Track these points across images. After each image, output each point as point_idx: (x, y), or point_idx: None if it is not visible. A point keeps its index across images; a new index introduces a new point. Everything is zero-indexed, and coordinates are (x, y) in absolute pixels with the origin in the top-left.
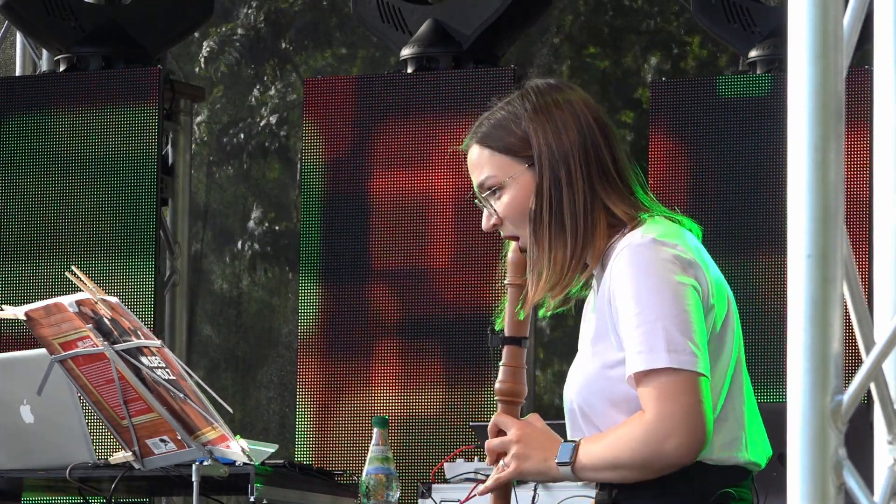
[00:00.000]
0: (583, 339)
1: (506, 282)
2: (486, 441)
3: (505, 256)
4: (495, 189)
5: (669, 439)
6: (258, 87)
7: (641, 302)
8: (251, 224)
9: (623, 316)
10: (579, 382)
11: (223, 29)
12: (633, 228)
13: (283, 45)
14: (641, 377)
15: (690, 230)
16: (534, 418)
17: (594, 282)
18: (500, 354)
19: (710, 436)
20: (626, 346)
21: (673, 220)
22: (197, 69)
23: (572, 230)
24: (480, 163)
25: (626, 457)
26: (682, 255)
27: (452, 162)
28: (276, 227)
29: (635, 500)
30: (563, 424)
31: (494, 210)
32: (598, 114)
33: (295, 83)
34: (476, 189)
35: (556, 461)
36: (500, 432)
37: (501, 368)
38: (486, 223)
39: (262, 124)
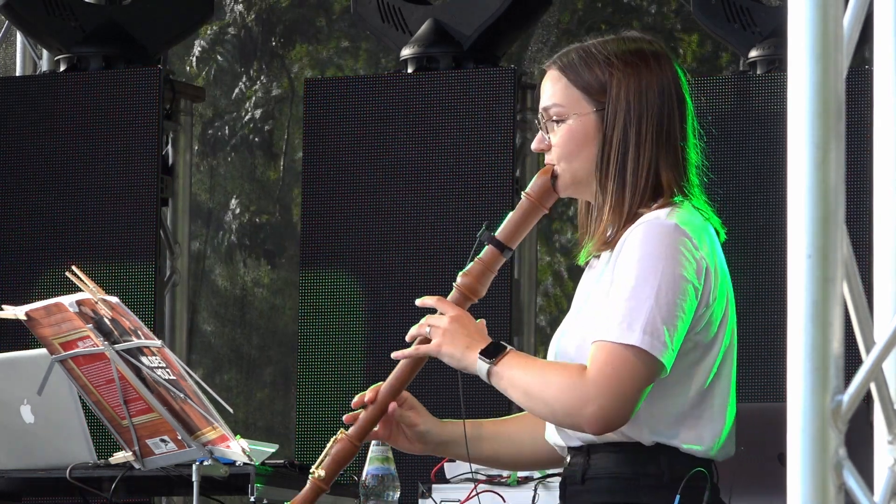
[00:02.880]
0: (589, 295)
1: (524, 192)
2: (426, 317)
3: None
4: (556, 118)
5: (591, 405)
6: (244, 80)
7: (640, 279)
8: (230, 216)
9: (619, 283)
10: (578, 339)
11: (214, 28)
12: (663, 205)
13: (273, 43)
14: (606, 341)
15: (717, 231)
16: (480, 323)
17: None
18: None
19: (626, 420)
20: (608, 311)
21: (702, 214)
22: (188, 69)
23: (632, 187)
24: (554, 89)
25: (547, 394)
26: (694, 251)
27: (452, 161)
28: (257, 220)
29: (607, 478)
30: None
31: (549, 136)
32: (680, 86)
33: (281, 78)
34: (540, 109)
35: (480, 353)
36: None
37: (474, 262)
38: (535, 144)
39: (246, 118)
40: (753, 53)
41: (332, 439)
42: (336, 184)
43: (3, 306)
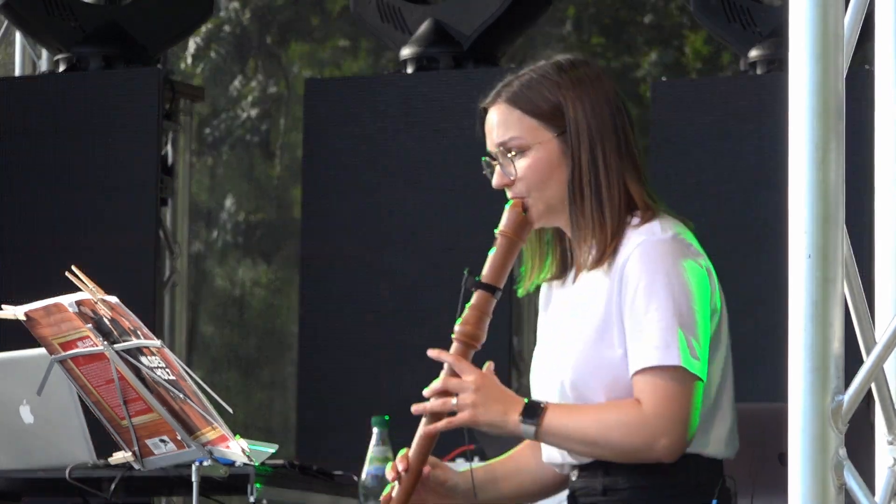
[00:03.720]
0: (577, 320)
1: (498, 230)
2: (443, 377)
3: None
4: (517, 150)
5: (662, 438)
6: (240, 78)
7: (659, 298)
8: (225, 215)
9: (637, 309)
10: (594, 361)
11: (209, 25)
12: (646, 219)
13: (268, 41)
14: (648, 369)
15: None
16: (489, 370)
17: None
18: (470, 298)
19: (691, 439)
20: (635, 338)
21: (678, 218)
22: (183, 65)
23: (609, 204)
24: (506, 122)
25: (611, 438)
26: (698, 258)
27: (452, 161)
28: (253, 218)
29: (628, 490)
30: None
31: (514, 170)
32: (622, 98)
33: (277, 75)
34: (496, 147)
35: (520, 417)
36: (455, 375)
37: (468, 310)
38: (498, 180)
39: (243, 116)
40: (753, 53)
41: None
42: (336, 184)
43: (3, 306)
